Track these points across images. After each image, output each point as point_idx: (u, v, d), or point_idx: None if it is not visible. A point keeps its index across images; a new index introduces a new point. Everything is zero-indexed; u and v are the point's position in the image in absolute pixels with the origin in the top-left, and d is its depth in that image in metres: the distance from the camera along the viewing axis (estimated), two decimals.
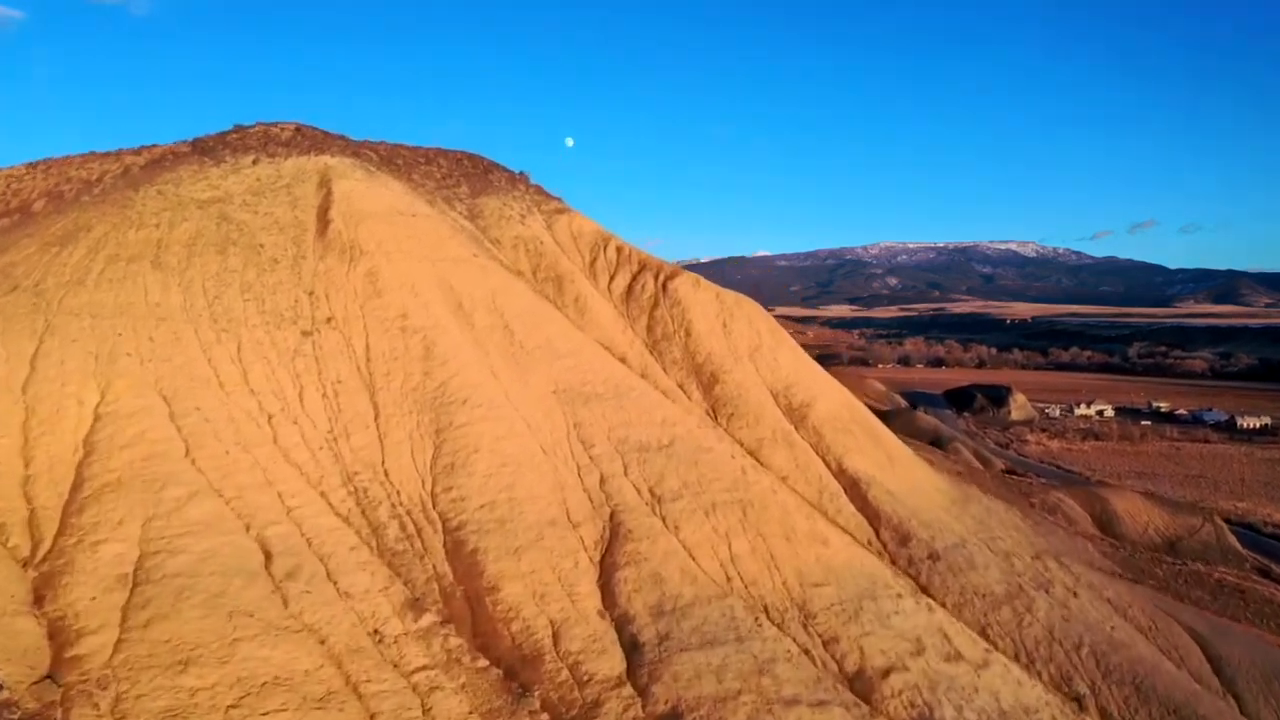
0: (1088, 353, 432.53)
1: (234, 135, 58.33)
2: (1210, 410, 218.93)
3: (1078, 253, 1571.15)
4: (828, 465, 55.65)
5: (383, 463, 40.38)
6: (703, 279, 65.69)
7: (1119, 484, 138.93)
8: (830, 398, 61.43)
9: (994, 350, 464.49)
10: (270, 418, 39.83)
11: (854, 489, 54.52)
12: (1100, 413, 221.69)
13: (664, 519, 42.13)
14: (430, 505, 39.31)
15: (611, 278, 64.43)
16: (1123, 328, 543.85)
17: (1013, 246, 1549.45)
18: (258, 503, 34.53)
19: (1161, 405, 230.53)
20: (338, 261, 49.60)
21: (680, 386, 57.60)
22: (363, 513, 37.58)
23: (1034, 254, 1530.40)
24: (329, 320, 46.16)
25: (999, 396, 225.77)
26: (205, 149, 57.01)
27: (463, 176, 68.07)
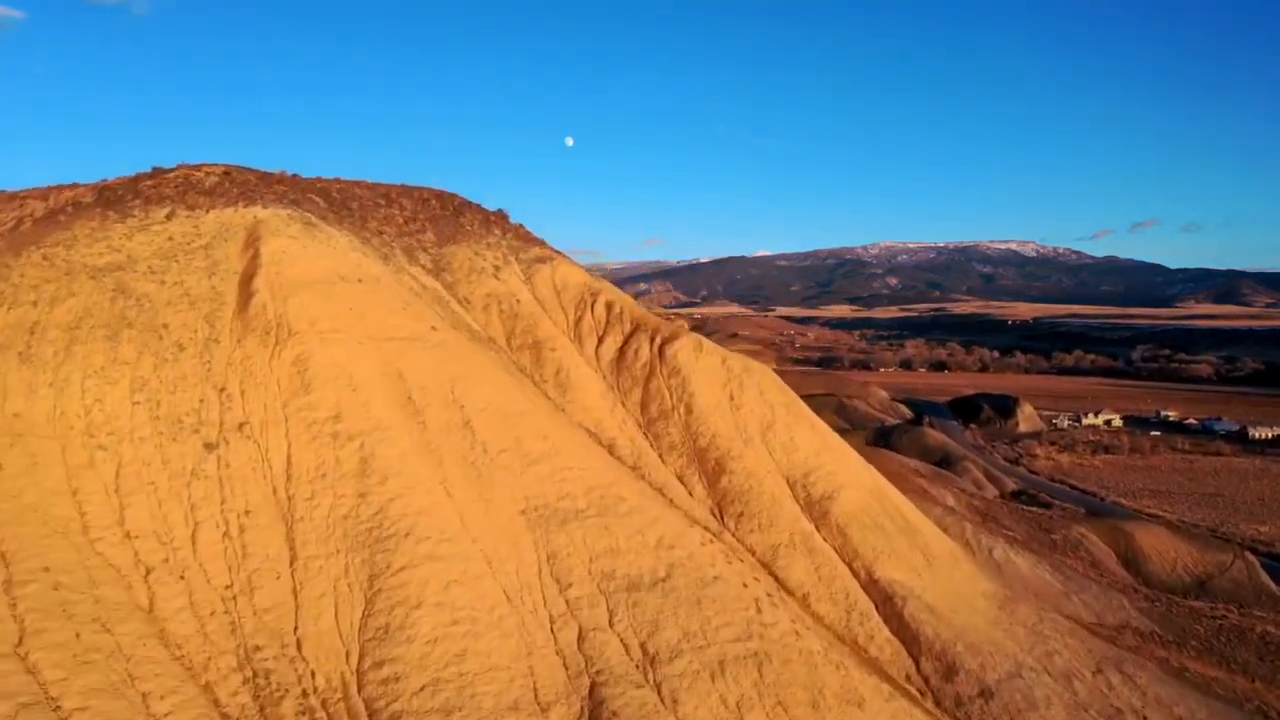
0: (1091, 356, 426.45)
1: (148, 181, 48.71)
2: (1220, 420, 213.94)
3: (1078, 252, 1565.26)
4: (856, 575, 46.57)
5: (295, 629, 31.14)
6: (706, 341, 56.46)
7: (1141, 514, 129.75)
8: (856, 485, 52.26)
9: (996, 353, 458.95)
10: (149, 573, 30.63)
11: (887, 605, 45.42)
12: (1108, 422, 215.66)
13: (659, 688, 32.90)
14: (355, 690, 30.10)
15: (600, 340, 55.18)
16: (1125, 330, 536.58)
17: (1013, 246, 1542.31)
18: (110, 716, 25.28)
19: (1170, 414, 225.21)
20: (259, 346, 40.24)
21: (680, 478, 48.45)
22: (261, 710, 28.34)
23: (1034, 254, 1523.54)
24: (241, 426, 36.85)
25: (1006, 407, 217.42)
26: (112, 199, 47.46)
27: (429, 220, 58.75)
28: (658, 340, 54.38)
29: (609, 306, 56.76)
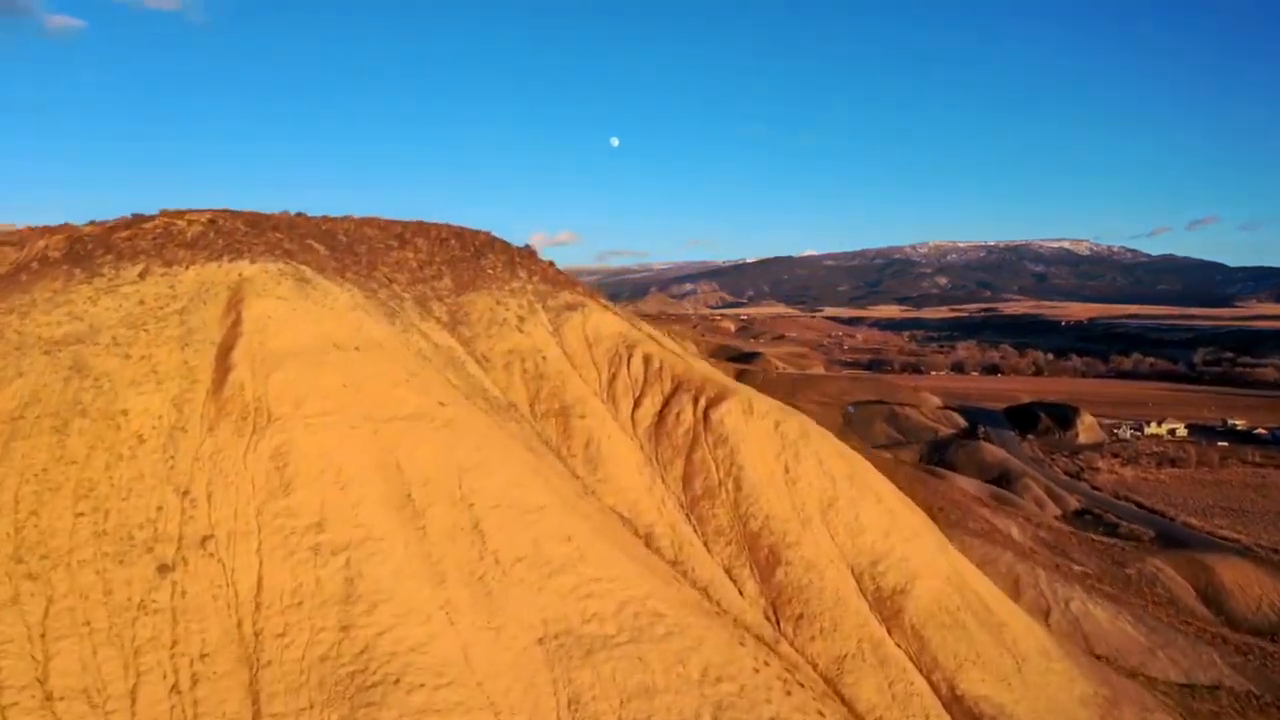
0: (1150, 359, 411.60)
1: (123, 233, 42.82)
2: None
3: (1133, 250, 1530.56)
4: (936, 690, 39.49)
5: None
6: (757, 399, 49.57)
7: (1216, 538, 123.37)
8: (933, 572, 45.08)
9: (1050, 356, 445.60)
10: None
11: None
12: (1172, 432, 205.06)
13: None
14: None
15: (637, 402, 48.58)
16: (1185, 330, 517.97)
17: (1065, 245, 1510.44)
18: None
19: (1238, 423, 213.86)
20: (233, 436, 34.15)
21: (728, 571, 41.71)
22: None
23: (1088, 252, 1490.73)
24: (205, 540, 30.75)
25: (1065, 417, 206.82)
26: (81, 254, 41.69)
27: (446, 264, 52.52)
28: (702, 402, 47.66)
29: (647, 361, 50.11)
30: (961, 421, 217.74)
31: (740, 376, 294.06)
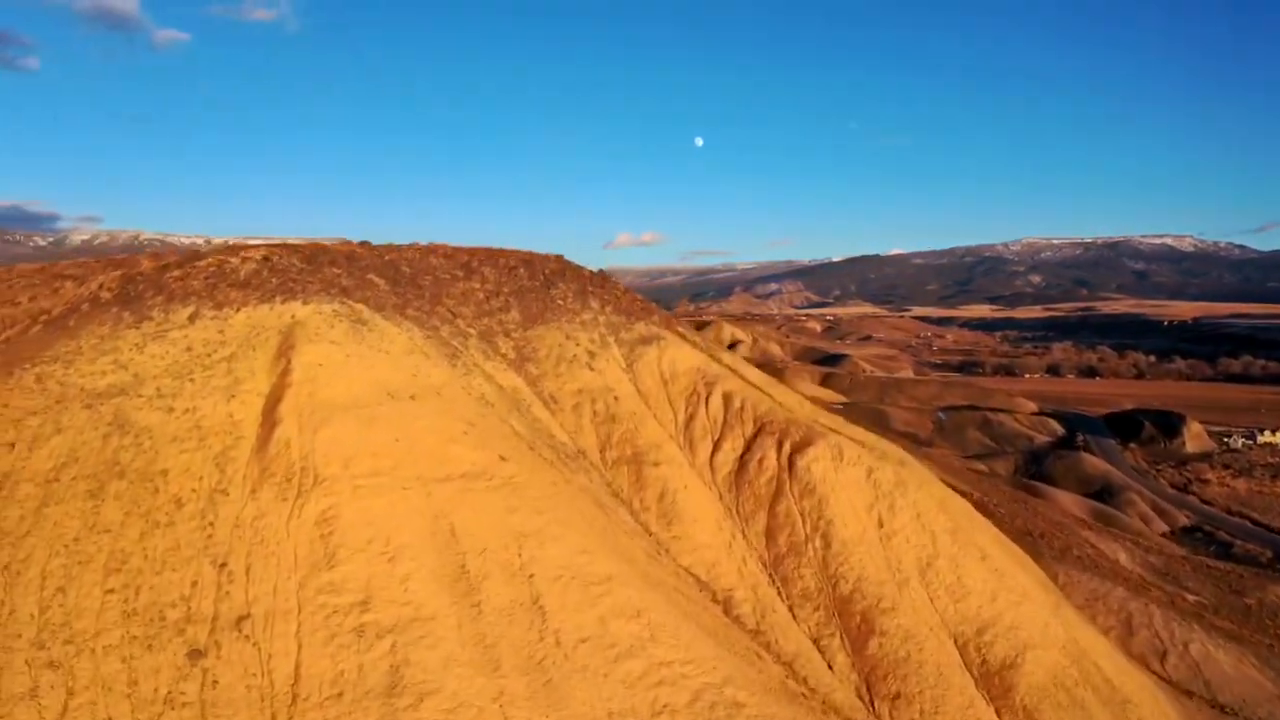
0: (1262, 361, 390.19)
1: (175, 273, 40.75)
2: None
3: (1241, 246, 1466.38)
4: None
5: None
6: (848, 443, 45.33)
7: None
8: (1047, 641, 40.36)
9: (1153, 358, 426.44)
10: None
11: None
12: None
13: None
14: None
15: (716, 446, 44.86)
16: None
17: (1168, 241, 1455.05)
18: None
19: None
20: (276, 500, 31.60)
21: (816, 642, 37.76)
22: None
23: (1191, 249, 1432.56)
24: (241, 621, 28.17)
25: (1170, 425, 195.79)
26: (132, 295, 39.75)
27: (514, 295, 49.53)
28: (786, 446, 43.68)
29: (727, 400, 46.34)
30: (1058, 429, 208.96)
31: (826, 380, 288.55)
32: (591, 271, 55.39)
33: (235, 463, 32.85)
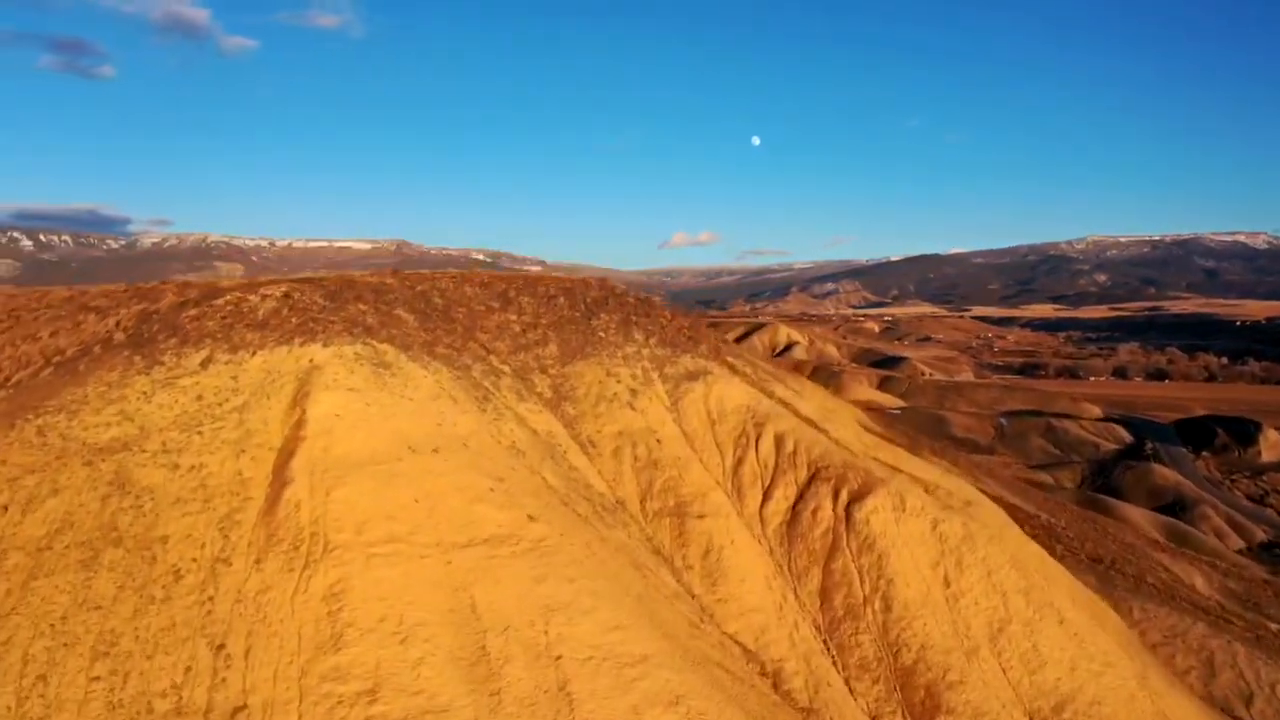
0: None
1: (191, 312, 38.28)
2: None
3: None
4: None
5: None
6: (910, 489, 41.46)
7: None
8: (1133, 716, 36.31)
9: (1224, 360, 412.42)
10: None
11: None
12: None
13: None
14: None
15: (766, 494, 41.33)
16: None
17: (1240, 238, 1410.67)
18: None
19: None
20: (282, 571, 28.96)
21: None
22: None
23: (1265, 246, 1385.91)
24: (236, 713, 25.55)
25: (1245, 432, 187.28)
26: (146, 336, 37.52)
27: (553, 327, 46.47)
28: (844, 494, 40.03)
29: (779, 442, 42.76)
30: (1126, 436, 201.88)
31: (883, 384, 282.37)
32: (636, 298, 52.12)
33: (241, 527, 30.33)
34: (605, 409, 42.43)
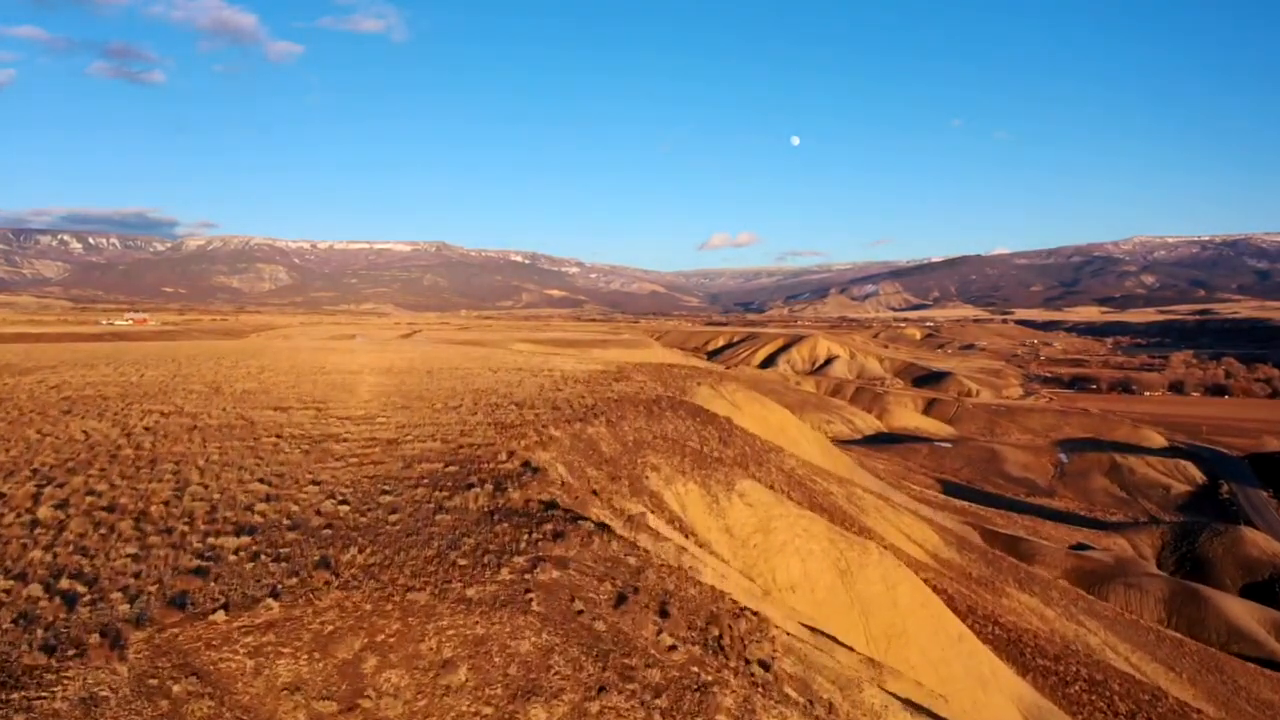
0: None
1: None
2: None
3: None
4: None
5: None
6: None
7: None
8: None
9: None
10: None
11: None
12: None
13: None
14: None
15: None
16: None
17: None
18: None
19: None
20: None
21: None
22: None
23: None
24: None
25: None
26: None
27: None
28: None
29: None
30: (1197, 475, 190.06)
31: (930, 408, 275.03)
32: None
33: None
34: None
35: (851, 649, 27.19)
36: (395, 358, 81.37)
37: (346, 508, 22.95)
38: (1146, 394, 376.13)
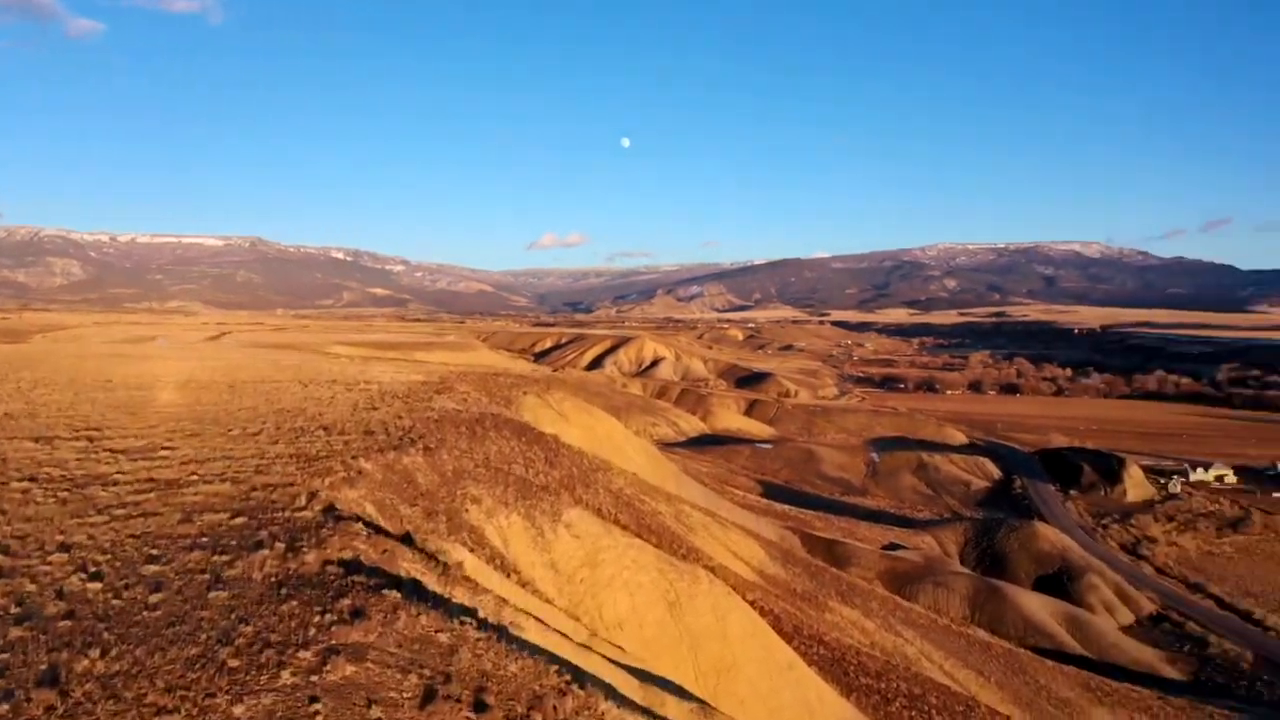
0: (1174, 376, 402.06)
1: None
2: None
3: (1144, 253, 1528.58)
4: None
5: None
6: None
7: None
8: None
9: (1069, 372, 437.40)
10: None
11: None
12: (1221, 479, 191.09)
13: None
14: None
15: None
16: (1205, 344, 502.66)
17: (1075, 247, 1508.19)
18: None
19: None
20: None
21: None
22: None
23: (1098, 255, 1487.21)
24: None
25: (1109, 469, 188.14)
26: None
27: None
28: None
29: None
30: (994, 471, 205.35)
31: (751, 409, 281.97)
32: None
33: None
34: None
35: (681, 692, 25.99)
36: (196, 366, 74.92)
37: (98, 585, 19.21)
38: (949, 393, 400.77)
